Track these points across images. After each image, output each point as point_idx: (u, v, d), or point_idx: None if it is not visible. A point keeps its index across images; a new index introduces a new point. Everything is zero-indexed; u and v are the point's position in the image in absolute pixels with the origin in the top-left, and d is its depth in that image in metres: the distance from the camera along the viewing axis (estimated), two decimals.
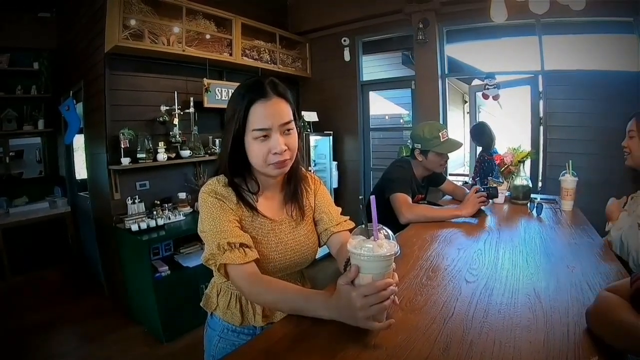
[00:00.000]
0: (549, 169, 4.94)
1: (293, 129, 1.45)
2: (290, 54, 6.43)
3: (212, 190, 1.45)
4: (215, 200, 1.42)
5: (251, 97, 1.38)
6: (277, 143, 1.38)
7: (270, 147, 1.38)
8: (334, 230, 1.65)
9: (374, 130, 6.72)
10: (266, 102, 1.38)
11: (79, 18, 5.17)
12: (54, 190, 6.41)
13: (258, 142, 1.38)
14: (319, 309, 1.21)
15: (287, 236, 1.56)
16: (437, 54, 5.51)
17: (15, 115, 5.94)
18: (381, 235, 1.17)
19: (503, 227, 2.53)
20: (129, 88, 4.55)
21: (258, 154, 1.39)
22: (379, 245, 1.13)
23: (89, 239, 5.46)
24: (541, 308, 1.31)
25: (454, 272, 1.70)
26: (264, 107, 1.37)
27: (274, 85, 1.43)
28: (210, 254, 1.36)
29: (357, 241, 1.17)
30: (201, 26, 4.91)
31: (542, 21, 4.79)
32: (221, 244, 1.34)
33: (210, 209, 1.41)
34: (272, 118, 1.37)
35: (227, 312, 1.58)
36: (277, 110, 1.39)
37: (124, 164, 4.29)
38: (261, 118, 1.37)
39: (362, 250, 1.12)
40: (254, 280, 1.35)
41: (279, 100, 1.41)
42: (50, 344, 4.07)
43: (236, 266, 1.34)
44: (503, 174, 3.29)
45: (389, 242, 1.16)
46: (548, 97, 5.00)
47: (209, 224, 1.39)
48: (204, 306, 1.66)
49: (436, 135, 2.97)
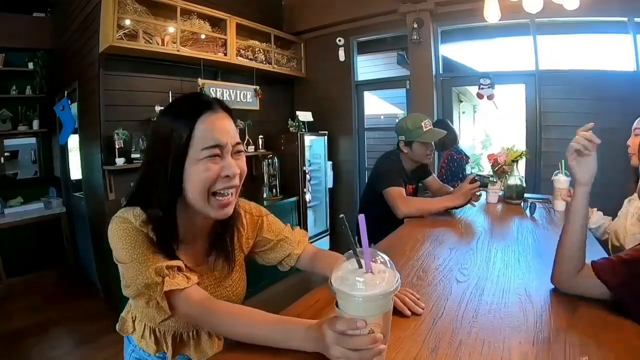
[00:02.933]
0: (544, 169, 4.94)
1: (243, 152, 1.25)
2: (285, 54, 6.42)
3: (129, 221, 1.16)
4: (134, 228, 1.15)
5: (197, 111, 1.15)
6: (230, 164, 1.16)
7: (221, 169, 1.15)
8: (298, 252, 1.58)
9: (369, 130, 6.73)
10: (215, 114, 1.17)
11: (73, 18, 5.16)
12: (49, 191, 6.37)
13: (203, 164, 1.13)
14: (300, 340, 1.03)
15: (207, 290, 1.29)
16: (432, 54, 5.52)
17: (10, 115, 5.91)
18: (377, 264, 0.95)
19: (496, 226, 2.54)
20: (123, 88, 4.54)
21: (202, 180, 1.13)
22: (371, 279, 0.90)
23: (84, 239, 5.45)
24: (532, 308, 1.31)
25: (445, 272, 1.70)
26: (213, 122, 1.15)
27: (218, 100, 1.23)
28: (145, 285, 1.10)
29: (345, 271, 0.94)
30: (196, 26, 4.89)
31: (536, 21, 4.82)
32: (158, 270, 1.10)
33: (130, 236, 1.14)
34: (226, 134, 1.16)
35: (141, 340, 1.38)
36: (227, 127, 1.19)
37: (119, 164, 4.29)
38: (212, 133, 1.14)
39: (350, 288, 0.89)
40: (211, 307, 1.15)
41: (226, 116, 1.21)
42: (45, 346, 4.05)
43: (182, 292, 1.13)
44: (497, 173, 3.30)
45: (388, 274, 0.93)
46: (543, 97, 5.02)
47: (133, 252, 1.13)
48: (120, 330, 1.47)
49: (419, 125, 3.01)
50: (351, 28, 6.19)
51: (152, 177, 1.18)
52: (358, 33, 6.21)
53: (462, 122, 7.62)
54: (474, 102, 8.29)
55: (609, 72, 4.69)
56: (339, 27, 6.26)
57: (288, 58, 6.49)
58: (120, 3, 4.16)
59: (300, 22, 6.58)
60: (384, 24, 5.89)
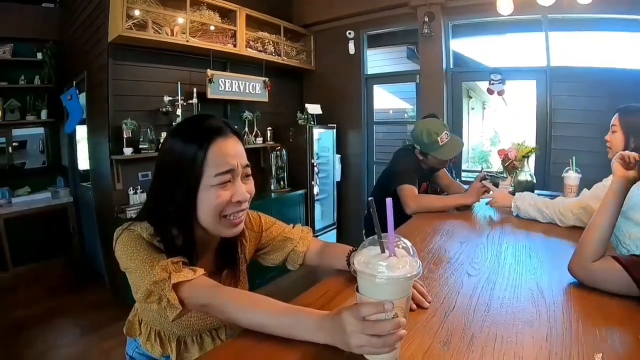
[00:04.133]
0: (553, 166, 4.89)
1: (251, 175, 1.26)
2: (295, 46, 6.41)
3: (137, 234, 1.18)
4: (139, 236, 1.18)
5: (209, 136, 1.15)
6: (242, 190, 1.18)
7: (232, 195, 1.17)
8: (302, 249, 1.57)
9: (377, 124, 6.70)
10: (226, 139, 1.18)
11: (82, 8, 5.16)
12: (56, 180, 6.40)
13: (216, 190, 1.14)
14: (311, 330, 0.99)
15: None
16: (443, 49, 5.46)
17: (19, 105, 5.94)
18: (399, 249, 0.94)
19: (506, 221, 2.52)
20: (132, 78, 4.55)
21: (214, 206, 1.15)
22: (395, 262, 0.90)
23: (91, 229, 5.48)
24: (544, 303, 1.29)
25: (456, 265, 1.69)
26: (225, 147, 1.16)
27: (227, 123, 1.23)
28: (153, 282, 1.09)
29: (367, 256, 0.93)
30: (205, 17, 4.89)
31: (549, 17, 4.75)
32: (163, 266, 1.10)
33: (134, 243, 1.16)
34: (235, 158, 1.17)
35: (147, 343, 1.40)
36: (237, 150, 1.20)
37: (127, 154, 4.31)
38: (225, 159, 1.15)
39: (373, 270, 0.88)
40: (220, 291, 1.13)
41: (235, 140, 1.22)
42: (51, 335, 4.08)
43: (190, 283, 1.11)
44: (507, 169, 3.27)
45: (410, 259, 0.93)
46: (553, 94, 4.95)
47: (138, 255, 1.14)
48: (127, 333, 1.48)
49: (434, 139, 2.92)
50: (361, 21, 6.15)
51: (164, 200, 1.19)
52: (368, 26, 6.17)
53: (471, 119, 7.57)
54: (484, 99, 8.23)
55: (620, 70, 4.61)
56: (349, 20, 6.21)
57: (297, 50, 6.47)
58: None
59: (310, 15, 6.54)
60: (394, 17, 5.84)
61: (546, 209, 2.37)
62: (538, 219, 2.42)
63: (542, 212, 2.40)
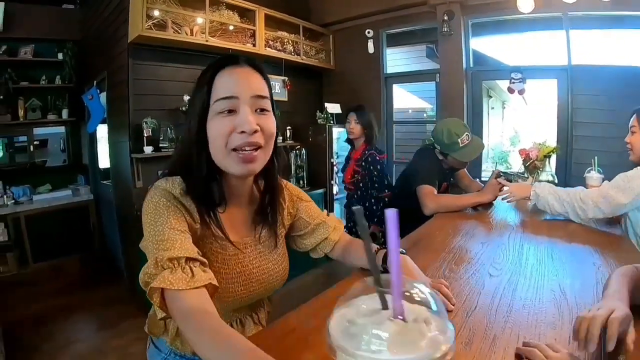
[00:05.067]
0: (575, 166, 4.82)
1: (269, 110, 1.14)
2: (314, 46, 6.40)
3: (165, 190, 1.09)
4: (165, 201, 1.07)
5: (217, 65, 1.11)
6: (246, 118, 1.06)
7: (235, 124, 1.06)
8: (334, 238, 1.52)
9: (397, 124, 6.64)
10: (235, 68, 1.11)
11: (103, 9, 5.23)
12: (77, 178, 6.50)
13: (220, 118, 1.07)
14: None
15: (252, 263, 1.25)
16: (462, 47, 5.40)
17: (40, 104, 6.05)
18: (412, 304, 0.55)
19: (527, 222, 2.51)
20: (152, 78, 4.59)
21: (218, 134, 1.07)
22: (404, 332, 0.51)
23: (111, 226, 5.55)
24: (567, 305, 1.28)
25: (477, 266, 1.68)
26: (231, 73, 1.10)
27: (248, 58, 1.16)
28: (147, 274, 0.98)
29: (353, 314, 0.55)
30: (224, 17, 4.91)
31: (569, 15, 4.68)
32: (159, 259, 0.97)
33: (155, 210, 1.05)
34: (241, 85, 1.08)
35: (176, 340, 1.27)
36: (248, 79, 1.11)
37: (147, 152, 4.34)
38: (227, 85, 1.08)
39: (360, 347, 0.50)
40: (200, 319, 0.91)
41: (251, 70, 1.13)
42: (69, 329, 4.16)
43: (175, 293, 0.93)
44: (528, 169, 3.24)
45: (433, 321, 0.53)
46: (575, 93, 4.87)
47: (151, 229, 1.04)
48: (149, 331, 1.33)
49: (455, 140, 2.92)
50: (380, 20, 6.10)
51: (183, 138, 1.16)
52: (387, 25, 6.12)
53: (491, 118, 7.52)
54: (503, 98, 8.16)
55: None
56: (368, 19, 6.18)
57: (317, 49, 6.46)
58: None
59: (328, 14, 6.51)
60: (413, 16, 5.79)
61: (566, 196, 2.33)
62: (556, 208, 2.38)
63: (561, 200, 2.35)
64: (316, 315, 1.23)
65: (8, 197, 5.64)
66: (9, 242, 5.42)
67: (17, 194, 5.73)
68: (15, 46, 5.85)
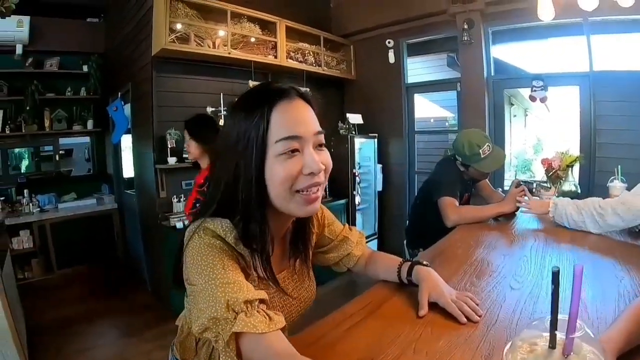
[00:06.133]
0: (598, 174, 4.73)
1: (324, 144, 1.08)
2: (335, 56, 6.39)
3: (216, 234, 1.01)
4: (220, 244, 0.99)
5: (272, 99, 1.01)
6: (313, 159, 1.00)
7: (303, 165, 0.99)
8: (357, 254, 1.50)
9: (419, 133, 6.60)
10: (290, 102, 1.02)
11: (126, 23, 5.37)
12: (101, 187, 6.63)
13: (283, 160, 0.98)
14: None
15: (292, 295, 1.21)
16: (483, 56, 5.37)
17: (65, 115, 6.20)
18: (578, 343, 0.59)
19: (549, 233, 2.46)
20: (175, 90, 4.67)
21: (282, 177, 0.98)
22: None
23: (134, 235, 5.64)
24: (587, 318, 1.25)
25: (498, 278, 1.65)
26: (289, 110, 1.01)
27: (295, 87, 1.07)
28: (212, 319, 0.88)
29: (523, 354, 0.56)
30: (246, 29, 4.95)
31: (590, 20, 4.62)
32: (231, 303, 0.88)
33: (212, 252, 0.97)
34: (303, 124, 1.01)
35: None
36: (306, 115, 1.04)
37: (171, 163, 4.42)
38: (288, 123, 0.99)
39: None
40: None
41: (304, 104, 1.05)
42: (91, 335, 4.22)
43: (258, 337, 0.87)
44: (551, 178, 3.21)
45: None
46: (597, 100, 4.78)
47: (209, 272, 0.93)
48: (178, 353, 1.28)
49: (476, 152, 2.90)
50: (400, 30, 6.09)
51: (233, 186, 1.02)
52: (407, 35, 6.10)
53: (513, 126, 7.45)
54: (526, 105, 8.06)
55: None
56: (388, 28, 6.17)
57: (338, 60, 6.45)
58: (172, 7, 4.26)
59: (349, 24, 6.53)
60: (433, 25, 5.77)
61: (584, 205, 2.29)
62: (574, 217, 2.32)
63: (579, 209, 2.31)
64: (343, 324, 1.25)
65: (34, 205, 5.81)
66: (34, 248, 5.57)
67: (43, 202, 5.89)
68: (41, 58, 6.01)
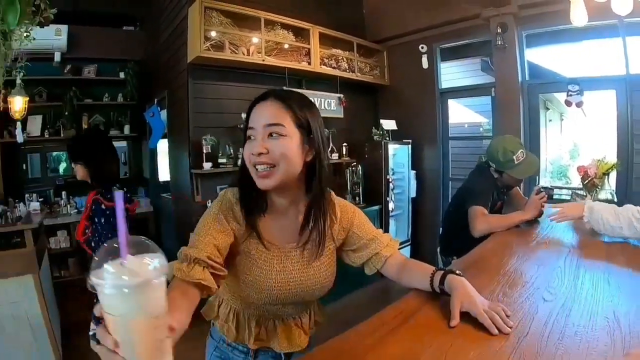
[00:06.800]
0: (636, 182, 4.60)
1: (282, 135, 1.30)
2: (368, 62, 6.38)
3: (224, 199, 1.40)
4: (217, 211, 1.36)
5: (254, 102, 1.37)
6: (255, 143, 1.30)
7: (252, 148, 1.31)
8: (386, 254, 1.56)
9: (453, 139, 6.53)
10: (261, 103, 1.34)
11: (162, 31, 5.54)
12: (137, 191, 6.78)
13: (247, 143, 1.33)
14: None
15: (293, 266, 1.43)
16: (517, 60, 5.28)
17: (103, 120, 6.42)
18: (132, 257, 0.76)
19: (584, 244, 2.42)
20: (211, 96, 4.77)
21: (245, 155, 1.35)
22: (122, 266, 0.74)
23: (170, 237, 5.77)
24: (620, 333, 1.21)
25: (531, 290, 1.61)
26: (257, 108, 1.34)
27: (276, 90, 1.40)
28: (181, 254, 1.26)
29: None
30: (279, 36, 5.02)
31: (625, 21, 4.50)
32: (184, 253, 1.23)
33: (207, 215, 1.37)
34: (258, 118, 1.31)
35: (224, 325, 1.51)
36: (266, 111, 1.31)
37: (206, 168, 4.51)
38: (251, 117, 1.34)
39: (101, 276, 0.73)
40: None
41: (274, 102, 1.33)
42: None
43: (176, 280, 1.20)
44: (586, 186, 3.17)
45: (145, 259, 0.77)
46: (634, 104, 4.62)
47: (197, 229, 1.34)
48: (204, 313, 1.57)
49: (510, 158, 2.90)
50: (434, 35, 6.05)
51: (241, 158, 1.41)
52: (441, 39, 6.06)
53: (549, 131, 7.33)
54: (561, 109, 7.88)
55: None
56: (421, 34, 6.14)
57: (371, 66, 6.44)
58: (207, 16, 4.35)
59: (382, 30, 6.52)
60: (466, 29, 5.71)
61: (622, 210, 2.22)
62: (610, 222, 2.23)
63: (616, 214, 2.23)
64: (373, 334, 1.25)
65: (71, 207, 6.05)
66: (70, 248, 5.83)
67: (80, 204, 6.06)
68: (79, 65, 6.22)
